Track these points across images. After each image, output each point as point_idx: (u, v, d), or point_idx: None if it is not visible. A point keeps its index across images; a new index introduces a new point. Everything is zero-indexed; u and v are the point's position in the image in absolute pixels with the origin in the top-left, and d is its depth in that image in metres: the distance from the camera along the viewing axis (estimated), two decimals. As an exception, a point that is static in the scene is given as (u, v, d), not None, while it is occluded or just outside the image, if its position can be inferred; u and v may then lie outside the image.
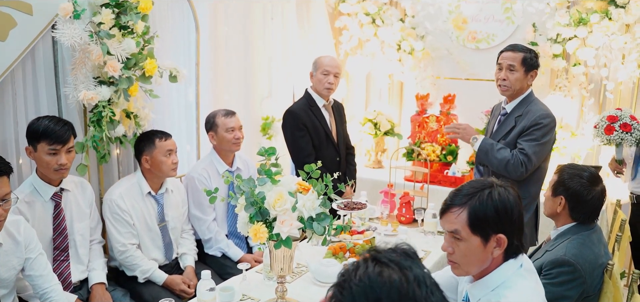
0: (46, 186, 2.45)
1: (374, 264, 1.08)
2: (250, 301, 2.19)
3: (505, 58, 2.86)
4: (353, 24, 4.76)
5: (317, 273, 2.37)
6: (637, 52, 3.81)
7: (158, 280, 2.76)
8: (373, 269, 1.08)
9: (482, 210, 1.52)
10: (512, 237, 1.55)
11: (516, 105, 2.88)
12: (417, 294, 1.06)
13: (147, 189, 2.81)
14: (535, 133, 2.72)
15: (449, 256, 1.60)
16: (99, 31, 2.54)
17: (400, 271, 1.07)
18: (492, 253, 1.55)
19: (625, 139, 2.94)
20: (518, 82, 2.83)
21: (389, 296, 1.06)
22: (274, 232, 1.87)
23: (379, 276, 1.07)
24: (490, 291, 1.57)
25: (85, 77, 2.62)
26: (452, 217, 1.56)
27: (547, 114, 2.79)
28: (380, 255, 1.09)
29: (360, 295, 1.05)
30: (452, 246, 1.57)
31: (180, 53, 3.43)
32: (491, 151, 2.76)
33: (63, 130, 2.39)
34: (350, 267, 1.10)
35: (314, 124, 3.34)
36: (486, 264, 1.57)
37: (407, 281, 1.06)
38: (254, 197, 1.87)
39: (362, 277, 1.07)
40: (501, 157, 2.73)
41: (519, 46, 2.88)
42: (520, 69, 2.82)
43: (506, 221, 1.53)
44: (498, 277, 1.57)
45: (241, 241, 3.21)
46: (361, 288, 1.06)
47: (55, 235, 2.51)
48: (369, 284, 1.07)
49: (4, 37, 2.44)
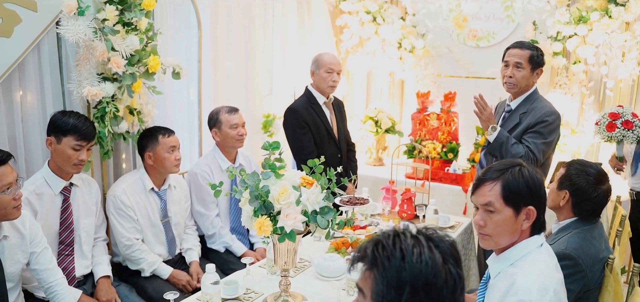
0: (57, 179, 2.48)
1: (438, 252, 1.06)
2: (254, 294, 2.21)
3: (513, 55, 2.87)
4: (354, 22, 4.78)
5: (320, 268, 2.39)
6: (637, 50, 3.83)
7: (163, 274, 2.78)
8: (437, 256, 1.06)
9: (514, 183, 1.61)
10: (540, 211, 1.65)
11: (521, 102, 2.90)
12: (457, 295, 1.07)
13: (150, 185, 2.83)
14: (541, 130, 2.74)
15: (480, 229, 1.67)
16: (103, 28, 2.56)
17: (457, 272, 1.07)
18: (521, 225, 1.63)
19: (626, 136, 2.96)
20: (524, 79, 2.85)
21: (442, 289, 1.04)
22: (278, 225, 1.88)
23: (441, 267, 1.05)
24: (510, 264, 1.65)
25: (89, 73, 2.64)
26: (485, 190, 1.64)
27: (552, 111, 2.81)
28: (441, 244, 1.08)
29: (414, 275, 1.03)
30: (485, 219, 1.64)
31: (182, 50, 3.45)
32: (506, 144, 2.76)
33: (90, 128, 2.47)
34: (408, 238, 1.07)
35: (315, 121, 3.36)
36: (516, 236, 1.65)
37: (459, 278, 1.07)
38: (259, 191, 1.89)
39: (423, 258, 1.04)
40: (515, 151, 2.74)
41: (526, 43, 2.89)
42: (527, 67, 2.83)
43: (536, 195, 1.63)
44: (519, 251, 1.65)
45: (243, 237, 3.23)
46: (419, 269, 1.03)
47: (61, 229, 2.53)
48: (429, 269, 1.04)
49: (9, 34, 2.46)
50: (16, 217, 2.07)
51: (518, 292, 1.54)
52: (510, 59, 2.87)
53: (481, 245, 1.72)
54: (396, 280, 1.02)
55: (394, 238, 1.07)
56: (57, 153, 2.44)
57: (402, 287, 1.01)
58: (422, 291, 1.01)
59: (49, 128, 2.46)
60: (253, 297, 2.19)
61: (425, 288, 1.02)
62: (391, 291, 1.02)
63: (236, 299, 2.16)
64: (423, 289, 1.02)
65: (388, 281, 1.03)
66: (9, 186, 1.98)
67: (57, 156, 2.45)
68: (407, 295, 1.01)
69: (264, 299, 2.16)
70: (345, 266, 2.39)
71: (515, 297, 1.53)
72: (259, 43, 4.07)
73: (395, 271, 1.02)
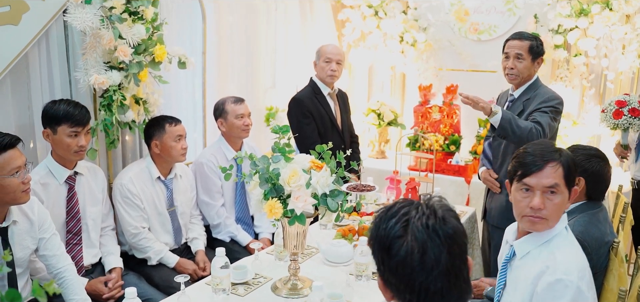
0: (61, 169, 2.49)
1: (403, 224, 1.12)
2: (263, 279, 2.22)
3: (512, 47, 2.88)
4: (356, 16, 4.80)
5: (327, 253, 2.41)
6: (637, 43, 3.86)
7: (170, 262, 2.79)
8: (398, 228, 1.13)
9: (572, 164, 1.67)
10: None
11: (524, 91, 2.92)
12: (415, 274, 1.11)
13: (156, 174, 2.84)
14: (546, 109, 2.75)
15: (536, 212, 1.64)
16: (110, 15, 2.57)
17: (415, 245, 1.12)
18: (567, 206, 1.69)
19: (632, 124, 2.98)
20: (526, 69, 2.86)
21: (392, 257, 1.13)
22: (289, 208, 1.90)
23: (396, 238, 1.15)
24: (540, 244, 1.67)
25: (96, 61, 2.65)
26: (550, 172, 1.63)
27: (555, 95, 2.84)
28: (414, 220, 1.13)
29: (378, 240, 1.15)
30: (544, 202, 1.64)
31: (186, 42, 3.46)
32: (514, 120, 2.71)
33: (82, 113, 2.45)
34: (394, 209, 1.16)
35: (319, 112, 3.38)
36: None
37: (411, 259, 1.12)
38: (269, 173, 1.90)
39: (387, 227, 1.14)
40: (524, 125, 2.69)
41: (525, 34, 2.91)
42: (527, 57, 2.85)
43: (576, 176, 1.69)
44: (549, 231, 1.67)
45: (249, 227, 3.24)
46: (381, 236, 1.15)
47: (68, 218, 2.53)
48: (386, 237, 1.14)
49: (17, 22, 2.47)
50: (25, 201, 2.08)
51: (557, 272, 1.56)
52: (511, 50, 2.89)
53: (529, 228, 1.69)
54: (372, 240, 1.18)
55: (388, 209, 1.19)
56: (55, 143, 2.44)
57: (374, 247, 1.17)
58: (380, 252, 1.15)
59: (42, 120, 2.45)
60: (262, 281, 2.20)
61: (382, 251, 1.14)
62: (372, 248, 1.18)
63: (245, 283, 2.18)
64: (381, 251, 1.14)
65: (370, 240, 1.19)
66: (17, 169, 1.99)
67: (56, 146, 2.45)
68: (375, 254, 1.17)
69: (273, 283, 2.17)
70: (352, 251, 2.41)
71: (554, 276, 1.56)
72: (262, 36, 4.09)
73: (373, 233, 1.17)
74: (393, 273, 1.12)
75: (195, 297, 2.03)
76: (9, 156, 1.97)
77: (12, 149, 1.99)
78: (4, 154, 1.96)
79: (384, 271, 1.15)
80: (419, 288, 1.09)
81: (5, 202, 2.02)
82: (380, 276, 1.17)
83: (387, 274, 1.14)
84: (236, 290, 2.11)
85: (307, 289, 2.11)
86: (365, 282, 2.17)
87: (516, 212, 1.72)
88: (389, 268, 1.12)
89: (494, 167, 3.05)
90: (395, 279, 1.12)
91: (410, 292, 1.11)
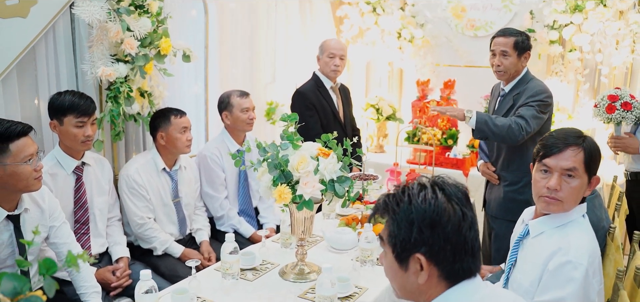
0: (69, 159, 2.52)
1: (442, 193, 1.18)
2: (270, 265, 2.27)
3: (498, 44, 2.95)
4: (354, 12, 4.86)
5: (332, 241, 2.46)
6: (630, 38, 3.94)
7: (175, 252, 2.83)
8: (440, 196, 1.17)
9: (594, 152, 1.70)
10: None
11: (514, 85, 2.98)
12: (467, 234, 1.17)
13: (162, 165, 2.88)
14: (532, 103, 2.80)
15: (552, 194, 1.69)
16: (118, 8, 2.61)
17: (461, 210, 1.18)
18: (586, 192, 1.72)
19: (625, 118, 3.05)
20: (512, 66, 2.91)
21: (446, 225, 1.16)
22: (298, 193, 1.95)
23: (444, 205, 1.17)
24: (556, 226, 1.70)
25: (103, 54, 2.69)
26: (570, 154, 1.67)
27: (543, 89, 2.89)
28: (447, 188, 1.19)
29: (420, 217, 1.16)
30: (561, 184, 1.68)
31: (189, 36, 3.50)
32: (490, 120, 2.78)
33: (87, 103, 2.48)
34: (415, 186, 1.20)
35: (322, 105, 3.44)
36: (578, 203, 1.72)
37: (464, 220, 1.18)
38: (279, 159, 1.96)
39: (427, 199, 1.17)
40: (501, 123, 2.75)
41: (509, 30, 2.97)
42: (513, 53, 2.90)
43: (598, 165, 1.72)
44: (568, 216, 1.70)
45: (252, 218, 3.29)
46: (423, 211, 1.16)
47: (76, 208, 2.57)
48: (431, 208, 1.16)
49: (25, 14, 2.50)
50: (37, 189, 2.11)
51: (569, 253, 1.60)
52: (496, 48, 2.95)
53: (544, 209, 1.74)
54: (405, 220, 1.17)
55: (403, 187, 1.22)
56: (62, 134, 2.48)
57: (411, 227, 1.16)
58: (428, 228, 1.15)
59: (49, 111, 2.49)
60: (269, 267, 2.25)
61: (430, 225, 1.15)
62: (402, 231, 1.17)
63: (253, 269, 2.22)
64: (429, 226, 1.15)
65: (398, 223, 1.18)
66: (30, 156, 2.01)
67: (63, 137, 2.49)
68: (415, 233, 1.16)
69: (280, 268, 2.22)
70: (356, 238, 2.47)
71: (566, 257, 1.59)
72: (262, 31, 4.13)
73: (403, 213, 1.17)
74: (448, 240, 1.16)
75: (205, 281, 2.07)
76: (22, 143, 2.00)
77: (25, 137, 2.02)
78: (17, 141, 2.00)
79: (433, 244, 1.16)
80: (471, 247, 1.18)
81: (18, 189, 2.05)
82: (423, 253, 1.16)
83: (439, 246, 1.15)
84: (245, 275, 2.16)
85: (314, 274, 2.16)
86: (370, 267, 2.23)
87: (534, 192, 1.76)
88: (443, 238, 1.15)
89: (490, 160, 3.12)
90: (450, 246, 1.16)
91: (465, 253, 1.18)
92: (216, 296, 1.99)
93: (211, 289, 2.03)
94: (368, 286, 2.09)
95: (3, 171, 1.98)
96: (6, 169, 1.98)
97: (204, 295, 1.97)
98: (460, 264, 1.18)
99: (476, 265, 1.22)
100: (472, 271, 1.21)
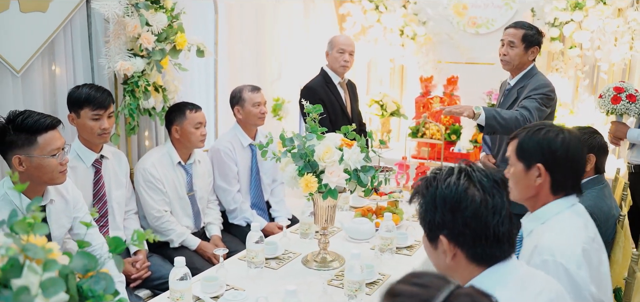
0: (88, 152, 2.55)
1: (465, 179, 1.24)
2: (292, 254, 2.32)
3: (507, 34, 3.03)
4: (356, 10, 4.92)
5: (350, 230, 2.52)
6: (629, 35, 4.05)
7: (191, 244, 2.86)
8: (462, 182, 1.23)
9: (527, 141, 1.72)
10: (555, 171, 1.70)
11: (519, 79, 3.06)
12: (488, 220, 1.23)
13: (177, 158, 2.91)
14: (535, 96, 2.87)
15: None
16: (137, 3, 2.64)
17: (483, 194, 1.23)
18: (534, 182, 1.69)
19: (629, 109, 3.14)
20: (517, 57, 2.98)
21: (465, 210, 1.23)
22: (324, 182, 2.00)
23: (465, 191, 1.23)
24: (541, 223, 1.69)
25: (120, 49, 2.71)
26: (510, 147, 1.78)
27: (547, 83, 2.96)
28: (473, 174, 1.25)
29: (442, 198, 1.24)
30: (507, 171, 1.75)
31: (201, 32, 3.53)
32: (497, 114, 2.83)
33: (103, 96, 2.50)
34: (445, 171, 1.26)
35: (330, 100, 3.49)
36: (530, 192, 1.70)
37: (485, 206, 1.23)
38: (306, 149, 2.00)
39: (450, 185, 1.24)
40: (508, 116, 2.81)
41: (521, 23, 3.05)
42: (520, 45, 2.98)
43: (547, 155, 1.69)
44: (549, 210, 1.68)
45: (263, 212, 3.33)
46: (445, 195, 1.23)
47: (95, 201, 2.60)
48: (452, 193, 1.24)
49: (45, 9, 2.53)
50: (61, 182, 2.13)
51: (542, 252, 1.57)
52: (505, 38, 3.03)
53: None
54: (431, 203, 1.25)
55: (435, 172, 1.29)
56: (80, 127, 2.51)
57: (435, 209, 1.24)
58: (449, 212, 1.22)
59: (67, 104, 2.51)
60: (292, 256, 2.30)
61: (451, 209, 1.22)
62: (428, 212, 1.26)
63: (276, 258, 2.27)
64: (449, 210, 1.22)
65: (426, 205, 1.26)
66: (57, 150, 2.04)
67: (81, 129, 2.52)
68: (438, 216, 1.23)
69: (303, 257, 2.27)
70: (373, 228, 2.53)
71: (540, 257, 1.56)
72: (268, 28, 4.17)
73: (430, 196, 1.25)
74: (468, 225, 1.21)
75: (232, 270, 2.11)
76: (50, 136, 2.02)
77: (53, 130, 2.04)
78: (45, 134, 2.02)
79: (453, 227, 1.23)
80: (493, 233, 1.21)
81: (43, 181, 2.07)
82: (445, 235, 1.24)
83: (459, 229, 1.22)
84: (268, 264, 2.21)
85: (336, 262, 2.21)
86: (390, 255, 2.28)
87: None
88: (462, 222, 1.21)
89: (492, 153, 3.21)
90: (470, 230, 1.21)
91: (485, 239, 1.22)
92: (243, 283, 2.03)
93: (238, 277, 2.07)
94: (390, 272, 2.14)
95: (29, 162, 2.00)
96: (33, 161, 2.00)
97: (232, 282, 2.01)
98: (482, 249, 1.23)
99: (502, 250, 1.24)
100: (496, 256, 1.24)
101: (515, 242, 1.30)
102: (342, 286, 1.98)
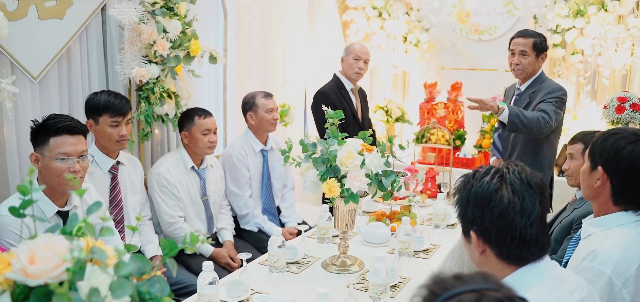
0: (105, 158, 2.56)
1: (498, 179, 1.27)
2: (311, 258, 2.34)
3: (517, 44, 3.10)
4: (360, 17, 4.96)
5: (367, 235, 2.54)
6: (630, 41, 4.12)
7: (205, 251, 2.87)
8: (495, 182, 1.27)
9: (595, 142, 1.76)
10: (615, 180, 1.70)
11: (529, 84, 3.13)
12: (516, 221, 1.26)
13: (190, 163, 2.93)
14: (551, 99, 2.97)
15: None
16: (154, 10, 2.66)
17: (513, 195, 1.26)
18: (595, 183, 1.69)
19: (633, 118, 3.20)
20: (530, 65, 3.09)
21: (493, 209, 1.27)
22: (346, 187, 2.03)
23: (495, 191, 1.27)
24: (602, 229, 1.66)
25: (135, 55, 2.73)
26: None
27: (559, 87, 3.08)
28: (507, 175, 1.28)
29: (474, 195, 1.30)
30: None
31: (211, 39, 3.55)
32: (521, 113, 2.90)
33: (122, 103, 2.51)
34: (482, 170, 1.30)
35: (343, 105, 3.53)
36: (589, 191, 1.73)
37: (512, 207, 1.26)
38: (329, 154, 2.03)
39: (483, 183, 1.28)
40: (531, 116, 2.89)
41: (528, 32, 3.14)
42: (531, 53, 3.07)
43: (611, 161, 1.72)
44: (615, 220, 1.66)
45: (274, 217, 3.35)
46: (476, 192, 1.29)
47: (111, 206, 2.60)
48: (483, 193, 1.27)
49: (62, 16, 2.54)
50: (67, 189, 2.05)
51: (596, 259, 1.55)
52: (516, 47, 3.10)
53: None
54: (465, 200, 1.32)
55: (474, 171, 1.35)
56: (98, 133, 2.52)
57: (467, 206, 1.31)
58: (478, 209, 1.29)
59: (85, 111, 2.52)
60: (311, 261, 2.32)
61: (480, 207, 1.28)
62: (462, 207, 1.33)
63: (296, 262, 2.29)
64: (479, 208, 1.28)
65: (461, 200, 1.34)
66: (64, 155, 2.00)
67: (99, 136, 2.53)
68: (470, 212, 1.30)
69: (323, 261, 2.29)
70: (389, 232, 2.55)
71: (592, 263, 1.55)
72: (274, 35, 4.21)
73: (465, 193, 1.32)
74: (494, 224, 1.26)
75: (254, 274, 2.13)
76: (60, 140, 2.00)
77: (67, 135, 2.02)
78: (56, 137, 2.00)
79: (482, 224, 1.28)
80: (519, 234, 1.24)
81: (52, 184, 2.03)
82: (474, 230, 1.30)
83: (486, 226, 1.27)
84: (289, 268, 2.22)
85: (356, 266, 2.23)
86: (407, 259, 2.31)
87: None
88: (490, 220, 1.26)
89: (503, 157, 3.25)
90: (496, 229, 1.26)
91: (511, 239, 1.25)
92: (267, 287, 2.05)
93: (261, 282, 2.09)
94: (410, 275, 2.17)
95: (42, 162, 2.02)
96: (44, 161, 2.01)
97: (255, 287, 2.03)
98: (507, 248, 1.27)
99: (529, 253, 1.27)
100: (523, 258, 1.27)
101: (546, 245, 1.31)
102: (365, 289, 2.00)
